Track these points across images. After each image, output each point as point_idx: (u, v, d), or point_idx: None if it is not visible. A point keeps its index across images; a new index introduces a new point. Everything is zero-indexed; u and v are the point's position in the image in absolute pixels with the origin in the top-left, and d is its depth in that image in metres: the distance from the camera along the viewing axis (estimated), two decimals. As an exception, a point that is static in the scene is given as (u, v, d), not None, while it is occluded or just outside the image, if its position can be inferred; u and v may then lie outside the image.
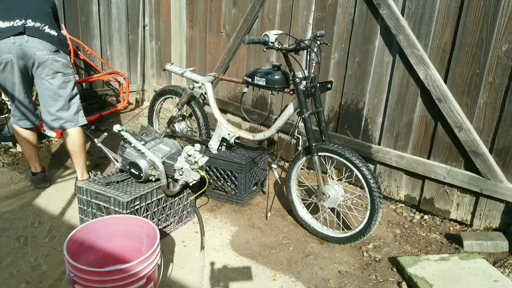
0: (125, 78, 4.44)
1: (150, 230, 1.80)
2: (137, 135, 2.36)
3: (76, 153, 2.60)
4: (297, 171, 2.49)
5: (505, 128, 2.30)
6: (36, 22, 2.35)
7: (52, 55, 2.39)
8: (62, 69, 2.44)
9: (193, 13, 4.08)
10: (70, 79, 2.50)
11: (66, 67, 2.46)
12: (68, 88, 2.49)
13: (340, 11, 2.88)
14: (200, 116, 3.03)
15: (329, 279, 2.05)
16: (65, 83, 2.47)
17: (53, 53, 2.39)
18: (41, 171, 2.79)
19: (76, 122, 2.56)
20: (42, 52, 2.35)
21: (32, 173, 2.79)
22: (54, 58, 2.40)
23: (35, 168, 2.76)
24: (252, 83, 2.50)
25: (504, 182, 2.34)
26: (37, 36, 2.34)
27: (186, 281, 1.97)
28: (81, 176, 2.65)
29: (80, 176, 2.65)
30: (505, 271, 2.06)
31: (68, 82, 2.49)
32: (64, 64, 2.44)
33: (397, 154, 2.74)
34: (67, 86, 2.49)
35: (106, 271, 1.52)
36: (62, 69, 2.44)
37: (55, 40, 2.40)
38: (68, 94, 2.50)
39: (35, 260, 2.06)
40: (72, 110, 2.54)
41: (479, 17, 2.28)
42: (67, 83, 2.48)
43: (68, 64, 2.48)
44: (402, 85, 2.66)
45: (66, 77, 2.47)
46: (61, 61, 2.43)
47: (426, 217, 2.69)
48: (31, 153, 2.70)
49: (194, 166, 2.20)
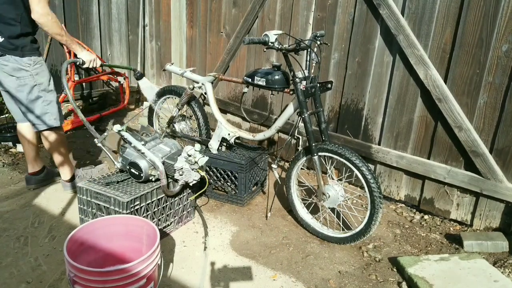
0: (125, 78, 4.44)
1: (150, 230, 1.80)
2: (137, 135, 2.36)
3: (52, 154, 2.62)
4: (297, 171, 2.49)
5: (505, 128, 2.30)
6: None
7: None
8: (13, 73, 2.33)
9: (193, 13, 4.08)
10: (26, 82, 2.36)
11: (18, 70, 2.32)
12: (24, 91, 2.38)
13: (340, 11, 2.88)
14: (200, 116, 3.03)
15: (329, 279, 2.05)
16: (20, 86, 2.36)
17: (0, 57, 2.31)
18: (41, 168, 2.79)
19: (43, 124, 2.48)
20: None
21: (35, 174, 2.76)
22: (2, 63, 2.31)
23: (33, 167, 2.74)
24: (252, 83, 2.50)
25: (504, 182, 2.34)
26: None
27: (186, 281, 1.97)
28: (63, 176, 2.69)
29: (63, 176, 2.69)
30: (505, 271, 2.06)
31: (24, 86, 2.36)
32: (15, 68, 2.31)
33: (397, 154, 2.74)
34: (23, 90, 2.37)
35: (106, 271, 1.52)
36: (13, 72, 2.33)
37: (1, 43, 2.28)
38: (25, 97, 2.39)
39: (35, 260, 2.06)
40: (35, 112, 2.44)
41: (479, 17, 2.28)
42: (23, 86, 2.36)
43: (21, 67, 2.32)
44: (402, 85, 2.66)
45: (19, 80, 2.35)
46: (9, 65, 2.31)
47: (426, 217, 2.69)
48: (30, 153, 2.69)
49: (194, 166, 2.20)
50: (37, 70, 2.38)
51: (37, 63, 2.38)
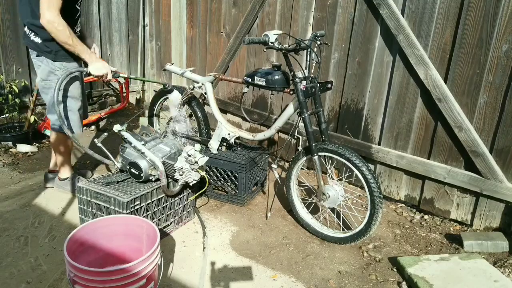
0: (125, 78, 4.44)
1: (150, 230, 1.80)
2: (137, 135, 2.36)
3: (56, 153, 2.67)
4: (297, 171, 2.49)
5: (505, 128, 2.30)
6: (26, 27, 2.33)
7: (35, 59, 2.37)
8: (41, 75, 2.39)
9: (193, 13, 4.08)
10: (51, 85, 2.36)
11: (48, 73, 2.37)
12: (48, 94, 2.42)
13: (340, 11, 2.88)
14: (200, 116, 3.03)
15: (329, 279, 2.05)
16: (45, 89, 2.42)
17: (36, 57, 2.37)
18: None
19: (59, 126, 2.46)
20: (32, 56, 2.40)
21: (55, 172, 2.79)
22: (36, 63, 2.38)
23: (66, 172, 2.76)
24: (252, 83, 2.50)
25: (504, 182, 2.34)
26: (29, 47, 2.37)
27: (186, 281, 1.97)
28: (61, 174, 2.73)
29: (60, 174, 2.73)
30: (505, 271, 2.06)
31: (49, 89, 2.39)
32: (45, 70, 2.36)
33: (397, 154, 2.74)
34: (48, 92, 2.41)
35: (106, 271, 1.52)
36: (41, 75, 2.39)
37: (37, 44, 2.33)
38: (49, 100, 2.43)
39: (35, 260, 2.06)
40: (55, 115, 2.43)
41: (479, 17, 2.28)
42: (48, 89, 2.40)
43: (51, 71, 2.36)
44: (402, 85, 2.66)
45: (45, 83, 2.40)
46: (42, 66, 2.36)
47: (426, 217, 2.69)
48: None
49: (194, 166, 2.20)
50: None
51: (67, 69, 2.38)
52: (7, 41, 3.64)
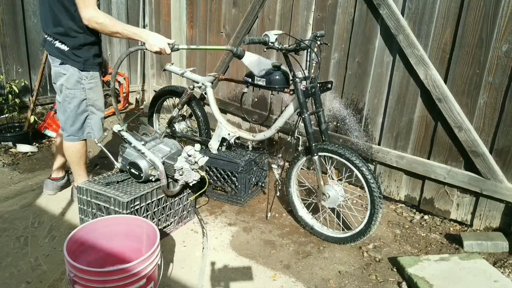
0: (125, 78, 4.44)
1: (150, 230, 1.80)
2: (137, 135, 2.36)
3: (69, 163, 2.56)
4: (297, 171, 2.49)
5: (505, 128, 2.30)
6: (48, 36, 2.26)
7: (58, 67, 2.29)
8: (67, 84, 2.29)
9: (193, 13, 4.08)
10: (76, 95, 2.31)
11: (73, 82, 2.29)
12: (71, 104, 2.33)
13: (340, 11, 2.88)
14: (200, 116, 3.03)
15: (329, 279, 2.05)
16: (69, 98, 2.32)
17: (59, 65, 2.28)
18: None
19: (78, 137, 2.43)
20: (53, 64, 2.31)
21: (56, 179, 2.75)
22: (60, 71, 2.29)
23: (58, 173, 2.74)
24: (252, 83, 2.50)
25: (504, 182, 2.34)
26: (50, 53, 2.29)
27: (186, 281, 1.97)
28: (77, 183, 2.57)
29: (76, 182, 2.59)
30: (505, 271, 2.06)
31: (73, 98, 2.32)
32: (69, 79, 2.28)
33: (397, 154, 2.74)
34: (71, 102, 2.32)
35: (106, 271, 1.52)
36: (66, 83, 2.29)
37: (63, 52, 2.25)
38: (72, 110, 2.34)
39: (35, 260, 2.06)
40: (76, 125, 2.39)
41: (479, 17, 2.28)
42: (72, 99, 2.32)
43: (77, 80, 2.29)
44: (402, 85, 2.66)
45: (69, 91, 2.31)
46: (67, 74, 2.28)
47: (426, 217, 2.69)
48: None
49: (194, 166, 2.20)
50: (91, 85, 2.34)
51: (94, 78, 2.34)
52: (7, 41, 3.64)
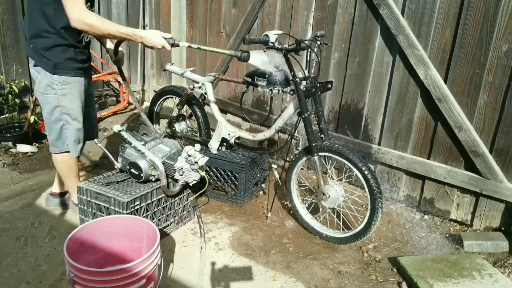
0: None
1: (150, 230, 1.80)
2: (137, 135, 2.36)
3: (62, 176, 2.39)
4: (297, 171, 2.49)
5: (505, 128, 2.30)
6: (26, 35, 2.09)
7: (32, 69, 2.10)
8: (38, 88, 2.11)
9: (193, 13, 4.08)
10: (48, 100, 2.10)
11: (44, 86, 2.08)
12: (44, 110, 2.14)
13: (340, 11, 2.88)
14: (200, 116, 3.03)
15: (329, 279, 2.05)
16: (42, 104, 2.14)
17: (33, 67, 2.10)
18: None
19: (59, 148, 2.24)
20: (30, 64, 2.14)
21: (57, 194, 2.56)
22: (33, 73, 2.12)
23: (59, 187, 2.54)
24: (252, 83, 2.50)
25: (504, 182, 2.34)
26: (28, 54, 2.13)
27: (186, 281, 1.97)
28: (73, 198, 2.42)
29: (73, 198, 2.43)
30: (505, 271, 2.06)
31: (46, 104, 2.12)
32: (42, 82, 2.08)
33: (397, 154, 2.74)
34: (44, 108, 2.14)
35: (106, 271, 1.52)
36: (38, 87, 2.11)
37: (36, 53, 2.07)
38: (46, 117, 2.16)
39: (35, 260, 2.06)
40: (53, 135, 2.21)
41: (479, 17, 2.28)
42: (45, 104, 2.13)
43: (48, 84, 2.07)
44: (402, 85, 2.66)
45: (42, 97, 2.11)
46: (38, 77, 2.09)
47: (426, 217, 2.69)
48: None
49: (194, 166, 2.20)
50: (65, 91, 2.11)
51: (67, 84, 2.10)
52: (7, 41, 3.64)
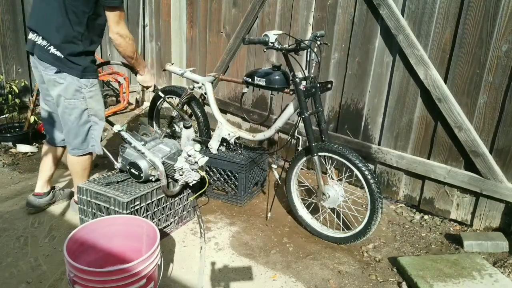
0: (125, 78, 4.44)
1: (150, 230, 1.80)
2: (137, 135, 2.36)
3: (74, 176, 2.41)
4: (297, 171, 2.49)
5: (505, 128, 2.30)
6: (43, 40, 2.07)
7: (53, 76, 2.10)
8: (65, 94, 2.13)
9: (193, 13, 4.08)
10: (76, 105, 2.15)
11: (72, 91, 2.12)
12: (72, 115, 2.18)
13: (340, 11, 2.88)
14: (200, 116, 3.03)
15: (329, 279, 2.05)
16: (70, 109, 2.16)
17: (55, 74, 2.10)
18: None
19: (83, 150, 2.30)
20: (45, 71, 2.12)
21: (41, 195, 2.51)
22: (55, 79, 2.11)
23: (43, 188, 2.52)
24: (252, 83, 2.50)
25: (504, 182, 2.34)
26: (43, 59, 2.09)
27: (186, 281, 1.97)
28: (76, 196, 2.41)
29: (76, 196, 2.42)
30: (505, 271, 2.06)
31: (74, 109, 2.16)
32: (69, 88, 2.12)
33: (397, 154, 2.74)
34: (72, 113, 2.17)
35: (106, 271, 1.52)
36: (64, 93, 2.13)
37: (59, 59, 2.08)
38: (73, 121, 2.19)
39: (35, 260, 2.06)
40: (79, 138, 2.25)
41: (479, 17, 2.28)
42: (73, 110, 2.16)
43: (77, 88, 2.12)
44: (402, 85, 2.66)
45: (69, 102, 2.15)
46: (64, 83, 2.11)
47: (426, 217, 2.69)
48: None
49: (194, 166, 2.20)
50: (92, 93, 2.19)
51: (94, 86, 2.19)
52: (7, 41, 3.64)
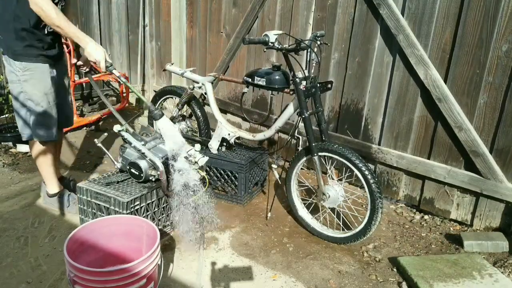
0: (125, 78, 4.43)
1: (150, 230, 1.80)
2: (137, 135, 2.36)
3: (37, 166, 2.43)
4: (297, 171, 2.49)
5: (505, 128, 2.30)
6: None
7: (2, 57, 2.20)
8: (6, 74, 2.20)
9: (193, 13, 4.08)
10: (14, 86, 2.19)
11: (9, 73, 2.17)
12: (13, 96, 2.23)
13: (340, 11, 2.88)
14: (200, 116, 3.03)
15: (329, 279, 2.05)
16: (10, 91, 2.24)
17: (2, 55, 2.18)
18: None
19: (26, 135, 2.31)
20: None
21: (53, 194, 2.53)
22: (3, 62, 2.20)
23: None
24: (252, 83, 2.50)
25: (504, 182, 2.34)
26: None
27: (186, 281, 1.97)
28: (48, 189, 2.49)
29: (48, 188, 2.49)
30: (505, 271, 2.06)
31: (12, 91, 2.21)
32: (6, 71, 2.19)
33: (397, 154, 2.74)
34: (13, 93, 2.22)
35: (106, 271, 1.52)
36: (6, 73, 2.20)
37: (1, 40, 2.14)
38: (13, 103, 2.25)
39: (35, 260, 2.06)
40: (20, 122, 2.28)
41: (479, 17, 2.28)
42: (12, 91, 2.22)
43: (11, 71, 2.15)
44: (402, 85, 2.66)
45: (10, 84, 2.20)
46: (5, 65, 2.18)
47: (426, 217, 2.69)
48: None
49: (194, 166, 2.20)
50: (26, 77, 2.15)
51: (29, 70, 2.15)
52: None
